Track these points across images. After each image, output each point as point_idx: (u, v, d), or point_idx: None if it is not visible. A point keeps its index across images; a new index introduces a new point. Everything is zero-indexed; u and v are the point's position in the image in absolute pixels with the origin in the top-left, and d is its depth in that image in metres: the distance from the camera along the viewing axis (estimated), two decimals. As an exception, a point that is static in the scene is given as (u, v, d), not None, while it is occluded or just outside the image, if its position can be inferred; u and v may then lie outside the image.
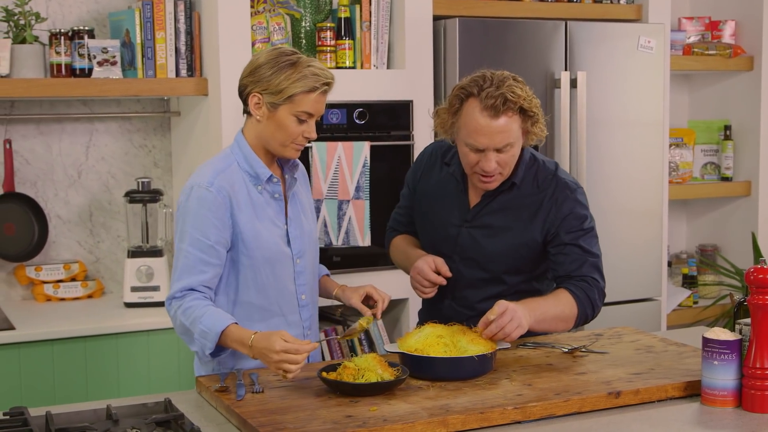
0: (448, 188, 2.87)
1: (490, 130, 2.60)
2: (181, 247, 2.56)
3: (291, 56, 2.57)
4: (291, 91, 2.53)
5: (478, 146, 2.63)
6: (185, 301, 2.51)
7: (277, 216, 2.66)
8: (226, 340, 2.43)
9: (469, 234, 2.81)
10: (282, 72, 2.54)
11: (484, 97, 2.59)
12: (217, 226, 2.54)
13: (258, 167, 2.62)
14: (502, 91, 2.59)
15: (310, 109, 2.56)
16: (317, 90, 2.55)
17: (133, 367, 3.49)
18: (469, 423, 2.17)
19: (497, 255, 2.78)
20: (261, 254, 2.60)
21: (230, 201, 2.56)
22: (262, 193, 2.63)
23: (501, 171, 2.69)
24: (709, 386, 2.32)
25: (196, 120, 3.88)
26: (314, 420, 2.14)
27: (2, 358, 3.30)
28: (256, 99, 2.58)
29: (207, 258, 2.54)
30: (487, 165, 2.65)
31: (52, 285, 3.86)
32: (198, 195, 2.56)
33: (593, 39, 4.17)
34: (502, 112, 2.59)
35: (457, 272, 2.80)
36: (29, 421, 2.18)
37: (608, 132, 4.23)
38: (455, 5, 4.06)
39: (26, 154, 3.92)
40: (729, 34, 4.94)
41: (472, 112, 2.62)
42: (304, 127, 2.58)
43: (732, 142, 4.99)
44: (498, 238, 2.78)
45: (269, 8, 3.75)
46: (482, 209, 2.80)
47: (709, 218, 5.18)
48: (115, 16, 3.87)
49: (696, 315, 4.82)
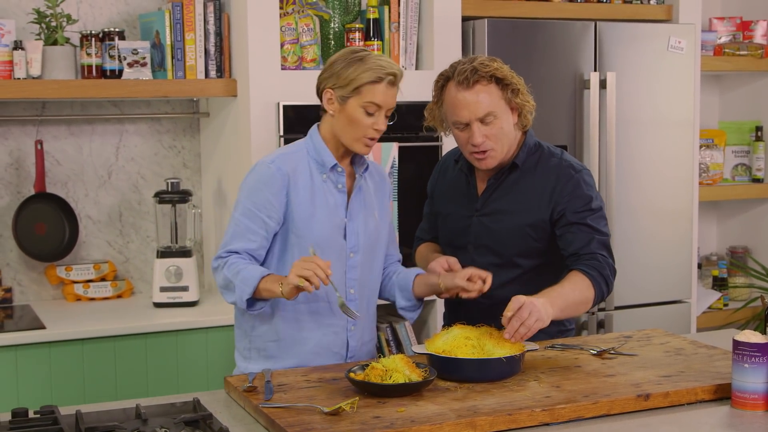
0: (459, 184, 2.95)
1: (466, 101, 2.71)
2: (234, 215, 2.71)
3: (360, 53, 2.68)
4: (358, 82, 2.63)
5: (461, 120, 2.73)
6: (230, 258, 2.66)
7: (338, 207, 2.72)
8: (264, 283, 2.55)
9: (480, 222, 2.86)
10: (351, 65, 2.65)
11: (456, 75, 2.74)
12: (271, 200, 2.66)
13: (325, 155, 2.72)
14: (473, 64, 2.73)
15: (377, 100, 2.64)
16: (383, 80, 2.63)
17: (162, 367, 3.51)
18: (497, 425, 2.16)
19: (507, 238, 2.82)
20: (312, 236, 2.66)
21: (288, 180, 2.67)
22: (326, 181, 2.72)
23: (492, 146, 2.75)
24: (740, 389, 2.30)
25: (225, 121, 3.90)
26: (342, 420, 2.14)
27: (33, 357, 3.33)
28: (328, 94, 2.69)
29: (255, 228, 2.66)
30: (474, 138, 2.73)
31: (82, 285, 3.89)
32: (258, 170, 2.70)
33: (623, 39, 4.15)
34: (474, 81, 2.70)
35: (471, 262, 2.81)
36: (59, 420, 2.19)
37: (638, 133, 4.21)
38: (484, 6, 4.05)
39: (57, 155, 3.95)
40: (761, 34, 4.90)
41: (450, 91, 2.76)
42: (374, 119, 2.66)
43: (763, 143, 4.94)
44: (506, 221, 2.82)
45: (298, 9, 3.76)
46: (490, 196, 2.86)
47: (740, 220, 5.14)
48: (145, 18, 3.89)
49: (726, 317, 4.78)
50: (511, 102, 2.74)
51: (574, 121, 4.07)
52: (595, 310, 4.12)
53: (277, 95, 3.64)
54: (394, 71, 2.66)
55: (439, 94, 2.81)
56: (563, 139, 4.03)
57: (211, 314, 3.63)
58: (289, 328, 2.71)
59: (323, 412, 2.18)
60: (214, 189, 4.03)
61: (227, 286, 2.64)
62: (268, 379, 2.43)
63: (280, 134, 3.64)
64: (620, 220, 4.16)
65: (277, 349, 2.72)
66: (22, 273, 3.93)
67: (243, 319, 2.78)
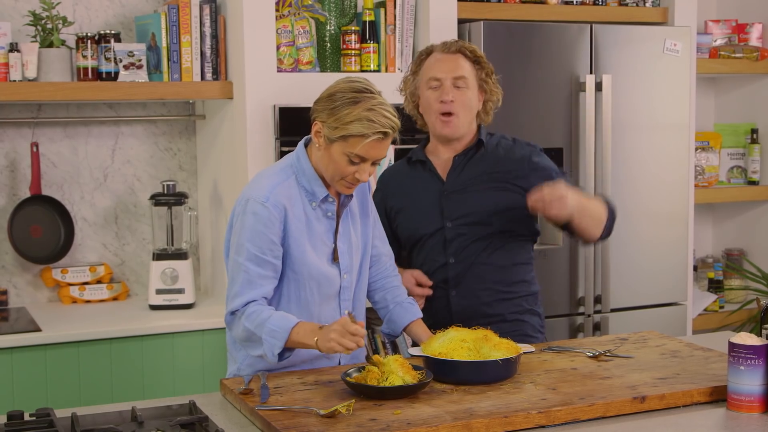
0: (416, 175, 3.02)
1: (446, 61, 2.93)
2: (239, 261, 2.56)
3: (358, 94, 2.50)
4: (345, 132, 2.48)
5: (437, 75, 2.91)
6: (248, 308, 2.52)
7: (327, 233, 2.65)
8: (296, 336, 2.45)
9: (452, 198, 2.95)
10: (343, 108, 2.49)
11: (440, 45, 2.98)
12: (274, 241, 2.55)
13: (315, 185, 2.62)
14: (458, 41, 3.00)
15: (363, 153, 2.50)
16: (368, 138, 2.48)
17: (158, 369, 3.51)
18: (493, 427, 2.16)
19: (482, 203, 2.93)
20: (307, 271, 2.61)
21: (285, 213, 2.56)
22: (315, 209, 2.63)
23: (458, 112, 2.90)
24: (736, 392, 2.30)
25: (221, 123, 3.89)
26: (338, 423, 2.14)
27: (28, 360, 3.32)
28: (317, 127, 2.56)
29: (265, 273, 2.55)
30: (445, 95, 2.89)
31: (77, 287, 3.88)
32: (253, 210, 2.55)
33: (619, 42, 4.16)
34: (456, 50, 2.94)
35: (454, 237, 2.94)
36: (55, 423, 2.19)
37: (634, 135, 4.21)
38: (480, 8, 4.06)
39: (53, 157, 3.95)
40: (756, 36, 4.91)
41: (432, 58, 2.97)
42: (356, 168, 2.53)
43: (759, 146, 4.95)
44: (480, 190, 2.94)
45: (294, 12, 3.76)
46: (459, 174, 2.96)
47: (736, 222, 5.15)
48: (141, 20, 3.89)
49: (722, 320, 4.79)
50: (482, 84, 2.95)
51: (569, 123, 4.07)
52: (591, 312, 4.12)
53: (273, 97, 3.64)
54: (384, 130, 2.48)
55: (417, 66, 2.99)
56: (559, 141, 4.04)
57: (207, 317, 3.62)
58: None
59: (319, 415, 2.18)
60: (210, 191, 4.02)
61: (250, 338, 2.51)
62: (264, 382, 2.43)
63: (275, 136, 3.64)
64: (616, 223, 4.16)
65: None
66: (17, 275, 3.92)
67: (234, 347, 2.71)
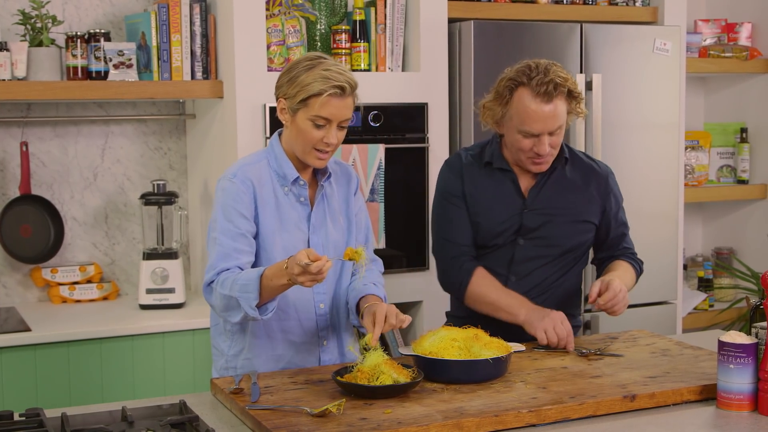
0: (500, 183, 2.93)
1: (544, 116, 2.74)
2: (214, 236, 2.59)
3: (311, 60, 2.55)
4: (304, 94, 2.51)
5: (533, 132, 2.76)
6: (220, 276, 2.52)
7: (301, 220, 2.65)
8: (267, 281, 2.41)
9: (531, 217, 2.91)
10: (299, 76, 2.53)
11: (534, 85, 2.74)
12: (244, 215, 2.57)
13: (286, 167, 2.63)
14: (550, 77, 2.74)
15: (324, 113, 2.52)
16: (325, 93, 2.49)
17: (149, 369, 3.50)
18: (483, 426, 2.16)
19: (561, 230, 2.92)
20: (279, 255, 2.59)
21: (254, 188, 2.58)
22: (288, 194, 2.63)
23: (552, 152, 2.85)
24: (725, 390, 2.31)
25: (212, 122, 3.89)
26: (329, 422, 2.14)
27: (18, 360, 3.32)
28: (281, 104, 2.59)
29: (239, 246, 2.56)
30: (542, 148, 2.78)
31: (67, 287, 3.87)
32: (222, 186, 2.61)
33: (608, 41, 4.16)
34: (555, 96, 2.74)
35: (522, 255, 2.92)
36: (45, 423, 2.18)
37: (624, 135, 4.22)
38: (470, 8, 4.06)
39: (42, 157, 3.94)
40: (745, 36, 4.92)
41: (524, 100, 2.76)
42: (323, 132, 2.54)
43: (748, 145, 4.96)
44: (560, 215, 2.92)
45: (284, 11, 3.75)
46: (539, 192, 2.91)
47: (725, 221, 5.17)
48: (131, 19, 3.88)
49: (712, 318, 4.80)
50: (571, 110, 2.83)
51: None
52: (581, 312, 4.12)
53: (263, 97, 3.64)
54: (340, 84, 2.50)
55: (507, 96, 2.79)
56: (549, 140, 4.04)
57: (198, 316, 3.62)
58: (263, 345, 2.66)
59: (310, 414, 2.18)
60: (201, 191, 4.02)
61: (228, 304, 2.49)
62: (255, 381, 2.42)
63: (266, 136, 3.64)
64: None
65: (251, 367, 2.65)
66: (7, 275, 3.91)
67: (219, 339, 2.72)
